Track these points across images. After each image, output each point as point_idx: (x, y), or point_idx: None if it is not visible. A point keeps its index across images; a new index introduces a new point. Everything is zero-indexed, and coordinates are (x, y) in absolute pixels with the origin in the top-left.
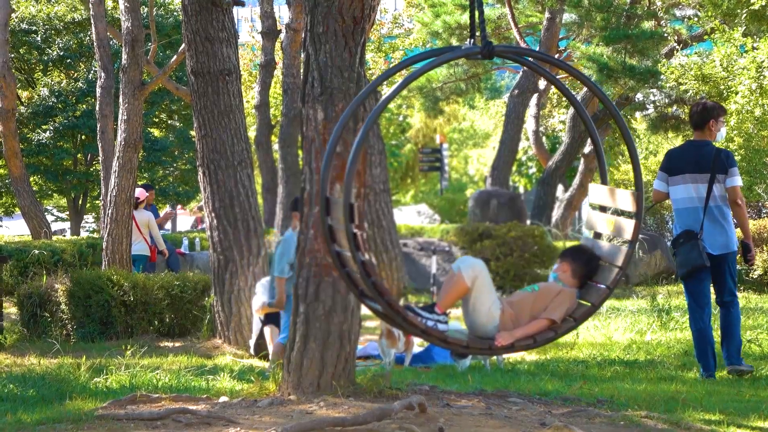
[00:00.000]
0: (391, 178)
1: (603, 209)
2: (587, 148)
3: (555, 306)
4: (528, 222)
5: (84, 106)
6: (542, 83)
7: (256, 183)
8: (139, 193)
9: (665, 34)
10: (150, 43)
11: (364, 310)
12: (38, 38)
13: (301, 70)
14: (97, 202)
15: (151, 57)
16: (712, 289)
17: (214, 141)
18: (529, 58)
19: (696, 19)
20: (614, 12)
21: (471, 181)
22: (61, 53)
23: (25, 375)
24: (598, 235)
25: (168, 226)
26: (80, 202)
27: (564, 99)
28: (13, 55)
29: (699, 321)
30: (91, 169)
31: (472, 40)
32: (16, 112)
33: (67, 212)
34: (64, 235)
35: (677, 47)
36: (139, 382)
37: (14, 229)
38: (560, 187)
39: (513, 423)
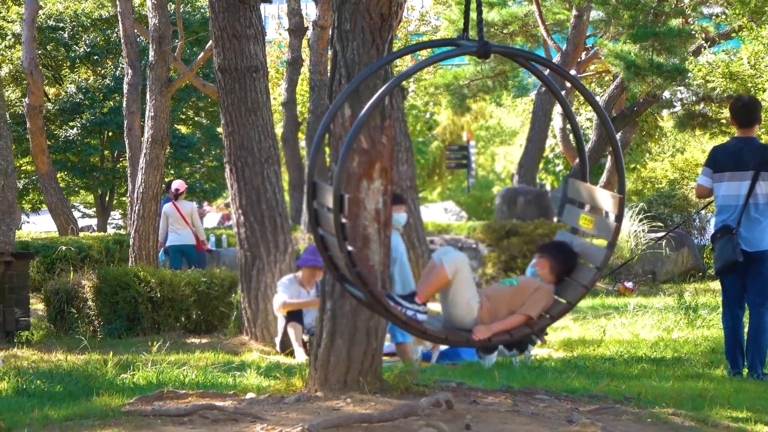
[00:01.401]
0: (417, 175)
1: (582, 206)
2: None
3: (533, 302)
4: (555, 219)
5: (111, 102)
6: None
7: (282, 180)
8: (179, 184)
9: (693, 32)
10: (177, 40)
11: None
12: (65, 35)
13: (329, 67)
14: (123, 198)
15: (178, 54)
16: None
17: (241, 138)
18: (529, 60)
19: (724, 16)
20: (642, 9)
21: (498, 179)
22: (88, 50)
23: (52, 371)
24: (575, 231)
25: None
26: (107, 198)
27: None
28: (40, 52)
29: (730, 318)
30: (118, 166)
31: (466, 34)
32: (43, 109)
33: (94, 209)
34: (91, 232)
35: (705, 45)
36: (166, 379)
37: (41, 226)
38: None
39: (540, 420)
